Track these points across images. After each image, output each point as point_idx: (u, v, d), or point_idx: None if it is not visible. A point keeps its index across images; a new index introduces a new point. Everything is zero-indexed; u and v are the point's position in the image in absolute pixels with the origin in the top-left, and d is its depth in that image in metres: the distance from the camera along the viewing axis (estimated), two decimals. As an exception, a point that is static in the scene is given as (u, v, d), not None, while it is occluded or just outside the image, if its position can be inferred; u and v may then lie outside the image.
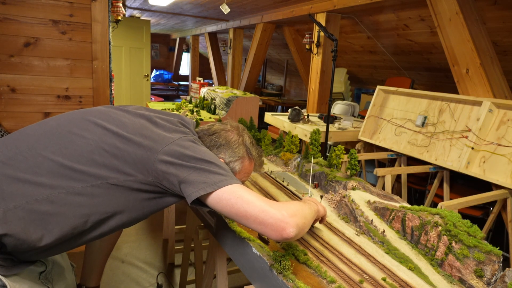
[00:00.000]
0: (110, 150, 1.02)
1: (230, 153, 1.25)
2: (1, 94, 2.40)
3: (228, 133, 1.28)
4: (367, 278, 1.04)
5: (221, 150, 1.24)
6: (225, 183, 0.99)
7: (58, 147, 1.02)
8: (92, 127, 1.07)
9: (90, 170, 0.99)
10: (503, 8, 2.80)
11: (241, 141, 1.28)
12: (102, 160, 1.01)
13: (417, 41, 3.97)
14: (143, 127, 1.09)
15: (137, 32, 6.81)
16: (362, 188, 1.57)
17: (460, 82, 2.69)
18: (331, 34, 3.05)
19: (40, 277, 1.07)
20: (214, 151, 1.23)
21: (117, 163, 1.01)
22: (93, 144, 1.02)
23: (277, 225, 0.93)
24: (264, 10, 5.19)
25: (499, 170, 2.26)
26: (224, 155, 1.24)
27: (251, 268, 1.16)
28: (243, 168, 1.27)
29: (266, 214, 0.94)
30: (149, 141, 1.05)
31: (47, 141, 1.03)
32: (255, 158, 1.32)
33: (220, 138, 1.26)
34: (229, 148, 1.25)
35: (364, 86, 6.16)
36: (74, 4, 2.45)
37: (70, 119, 1.11)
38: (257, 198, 0.97)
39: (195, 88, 6.13)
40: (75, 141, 1.03)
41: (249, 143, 1.31)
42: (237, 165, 1.26)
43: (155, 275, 2.46)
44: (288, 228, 0.93)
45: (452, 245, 1.08)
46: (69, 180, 0.98)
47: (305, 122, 3.49)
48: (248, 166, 1.30)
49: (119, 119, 1.11)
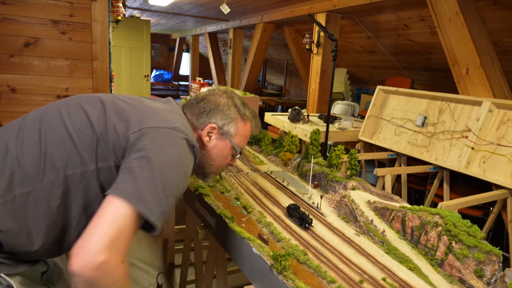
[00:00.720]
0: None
1: (221, 116, 1.20)
2: (1, 94, 2.40)
3: (216, 97, 1.23)
4: (367, 278, 1.04)
5: (212, 115, 1.19)
6: (132, 203, 0.85)
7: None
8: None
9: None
10: (503, 8, 2.80)
11: (231, 103, 1.23)
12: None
13: (417, 41, 3.97)
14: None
15: (137, 32, 6.81)
16: (362, 188, 1.57)
17: (460, 82, 2.69)
18: (331, 34, 3.05)
19: (42, 277, 1.06)
20: (204, 117, 1.18)
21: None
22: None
23: (88, 253, 0.79)
24: (264, 10, 5.19)
25: (499, 170, 2.26)
26: (215, 119, 1.19)
27: (251, 268, 1.16)
28: (238, 130, 1.22)
29: (99, 239, 0.80)
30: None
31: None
32: (249, 118, 1.27)
33: (209, 103, 1.21)
34: (219, 111, 1.20)
35: (364, 86, 6.16)
36: (74, 4, 2.45)
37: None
38: (117, 230, 0.82)
39: (195, 88, 6.14)
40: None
41: (240, 104, 1.26)
42: (231, 128, 1.21)
43: (155, 275, 2.46)
44: (92, 262, 0.78)
45: (452, 245, 1.08)
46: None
47: (305, 122, 3.49)
48: (243, 128, 1.24)
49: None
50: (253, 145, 2.45)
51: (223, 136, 1.20)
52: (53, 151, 0.96)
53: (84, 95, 1.12)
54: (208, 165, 1.22)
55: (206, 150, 1.20)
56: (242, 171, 1.93)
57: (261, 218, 1.37)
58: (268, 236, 1.27)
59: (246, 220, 1.38)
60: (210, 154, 1.21)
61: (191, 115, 1.19)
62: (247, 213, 1.44)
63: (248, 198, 1.59)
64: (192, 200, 1.67)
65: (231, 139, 1.21)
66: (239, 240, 1.22)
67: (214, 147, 1.20)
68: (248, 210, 1.45)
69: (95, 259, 0.78)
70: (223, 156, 1.23)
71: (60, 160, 0.95)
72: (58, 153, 0.96)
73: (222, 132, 1.20)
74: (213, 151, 1.21)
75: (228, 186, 1.67)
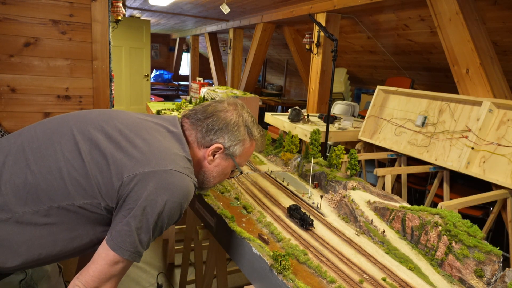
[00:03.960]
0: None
1: (230, 137, 1.14)
2: (1, 94, 2.40)
3: (226, 114, 1.15)
4: (367, 278, 1.04)
5: (220, 135, 1.13)
6: (126, 257, 0.94)
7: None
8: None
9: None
10: (503, 8, 2.80)
11: (241, 122, 1.16)
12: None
13: (417, 41, 3.97)
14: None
15: (137, 32, 6.81)
16: (362, 188, 1.57)
17: (460, 82, 2.69)
18: (331, 34, 3.05)
19: (21, 285, 1.03)
20: (211, 135, 1.13)
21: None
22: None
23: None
24: (264, 10, 5.19)
25: (499, 170, 2.26)
26: (223, 139, 1.13)
27: (251, 268, 1.16)
28: (243, 151, 1.18)
29: (95, 282, 0.92)
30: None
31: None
32: (257, 139, 1.22)
33: (218, 120, 1.13)
34: (228, 131, 1.13)
35: (364, 86, 6.16)
36: (74, 4, 2.45)
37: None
38: (115, 277, 0.95)
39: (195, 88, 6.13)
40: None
41: (250, 122, 1.19)
42: (237, 149, 1.16)
43: (155, 275, 2.46)
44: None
45: (452, 245, 1.08)
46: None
47: (305, 122, 3.49)
48: (249, 149, 1.20)
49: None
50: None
51: (227, 156, 1.17)
52: (39, 182, 0.93)
53: (77, 117, 1.07)
54: (207, 181, 1.20)
55: (208, 168, 1.17)
56: (242, 171, 1.93)
57: (261, 218, 1.37)
58: (268, 236, 1.27)
59: (246, 220, 1.38)
60: (211, 172, 1.18)
61: (196, 132, 1.14)
62: (247, 213, 1.44)
63: (248, 198, 1.59)
64: (192, 200, 1.67)
65: (235, 159, 1.18)
66: (239, 240, 1.22)
67: (217, 166, 1.17)
68: (248, 210, 1.45)
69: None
70: (223, 174, 1.21)
71: (46, 192, 0.93)
72: (44, 184, 0.93)
73: (228, 153, 1.16)
74: (215, 170, 1.18)
75: (228, 186, 1.68)
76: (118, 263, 0.94)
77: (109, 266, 0.93)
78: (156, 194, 0.93)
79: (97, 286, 0.92)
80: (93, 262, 0.93)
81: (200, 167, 1.17)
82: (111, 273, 0.94)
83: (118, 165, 0.95)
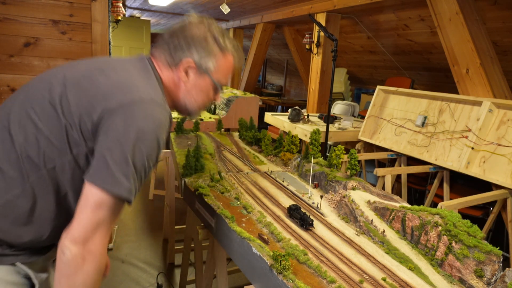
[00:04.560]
0: None
1: (198, 51, 1.07)
2: (1, 94, 2.40)
3: (192, 28, 1.09)
4: (367, 278, 1.04)
5: (187, 50, 1.07)
6: (108, 190, 0.88)
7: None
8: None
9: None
10: (503, 8, 2.80)
11: (208, 34, 1.09)
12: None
13: (417, 41, 3.97)
14: None
15: (137, 32, 6.81)
16: (362, 188, 1.57)
17: (460, 82, 2.69)
18: (331, 34, 3.05)
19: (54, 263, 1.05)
20: (178, 53, 1.07)
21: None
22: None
23: (72, 244, 0.87)
24: (264, 10, 5.19)
25: (499, 170, 2.26)
26: (191, 54, 1.07)
27: (251, 268, 1.16)
28: (218, 65, 1.11)
29: (82, 234, 0.87)
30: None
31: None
32: (231, 50, 1.14)
33: (183, 37, 1.08)
34: (194, 45, 1.07)
35: (364, 86, 6.16)
36: (74, 4, 2.45)
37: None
38: (103, 224, 0.90)
39: (195, 88, 6.14)
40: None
41: (219, 34, 1.11)
42: (210, 63, 1.10)
43: (155, 275, 2.47)
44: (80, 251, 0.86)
45: (452, 245, 1.08)
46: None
47: (305, 122, 3.49)
48: (224, 63, 1.13)
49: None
50: (253, 145, 2.45)
51: (203, 73, 1.11)
52: (28, 150, 0.94)
53: (43, 75, 1.05)
54: (190, 104, 1.15)
55: (187, 89, 1.13)
56: (242, 171, 1.93)
57: (261, 218, 1.37)
58: (268, 236, 1.27)
59: (246, 220, 1.38)
60: (190, 92, 1.13)
61: (165, 53, 1.10)
62: (247, 213, 1.44)
63: (248, 198, 1.59)
64: (192, 200, 1.67)
65: (211, 75, 1.11)
66: (239, 240, 1.22)
67: (194, 86, 1.12)
68: (248, 210, 1.45)
69: (81, 249, 0.86)
70: (204, 94, 1.15)
71: (38, 157, 0.94)
72: (33, 151, 0.94)
73: (201, 68, 1.10)
74: (193, 90, 1.13)
75: (228, 186, 1.67)
76: (102, 205, 0.88)
77: (93, 211, 0.88)
78: (126, 125, 0.90)
79: (85, 238, 0.87)
80: (76, 213, 0.89)
81: (178, 90, 1.13)
82: (97, 219, 0.88)
83: (91, 102, 0.93)
